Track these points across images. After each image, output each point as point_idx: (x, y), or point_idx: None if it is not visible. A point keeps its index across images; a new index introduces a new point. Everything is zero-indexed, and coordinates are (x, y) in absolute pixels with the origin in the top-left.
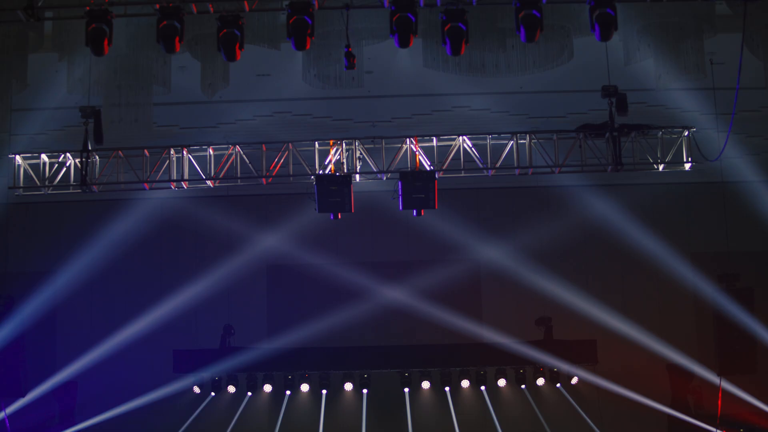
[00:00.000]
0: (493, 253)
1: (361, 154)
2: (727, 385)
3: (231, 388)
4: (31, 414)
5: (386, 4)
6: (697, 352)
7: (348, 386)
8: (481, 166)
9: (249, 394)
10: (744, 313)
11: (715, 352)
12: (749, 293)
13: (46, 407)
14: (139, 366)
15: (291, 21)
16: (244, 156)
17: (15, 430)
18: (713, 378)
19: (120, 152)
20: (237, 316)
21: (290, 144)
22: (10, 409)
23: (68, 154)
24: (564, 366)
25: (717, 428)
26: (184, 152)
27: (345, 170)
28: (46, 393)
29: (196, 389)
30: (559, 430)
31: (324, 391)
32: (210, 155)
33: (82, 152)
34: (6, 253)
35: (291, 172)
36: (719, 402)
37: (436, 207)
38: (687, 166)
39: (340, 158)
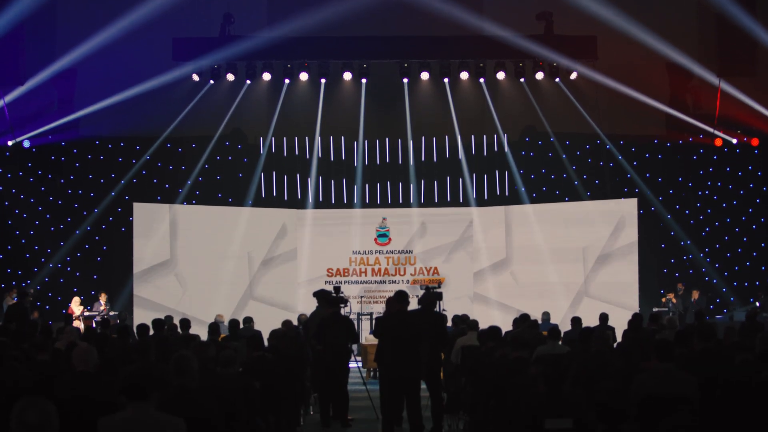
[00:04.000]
0: None
1: None
2: (726, 87)
3: (230, 76)
4: (30, 102)
5: None
6: (697, 53)
7: (347, 75)
8: None
9: (248, 82)
10: (746, 16)
11: (716, 53)
12: None
13: (44, 95)
14: (138, 54)
15: None
16: None
17: (14, 117)
18: (712, 79)
19: None
20: (237, 4)
21: None
22: (9, 97)
23: None
24: (563, 61)
25: (714, 128)
26: None
27: None
28: (45, 81)
29: (195, 77)
30: (557, 125)
31: (323, 80)
32: None
33: None
34: None
35: None
36: (717, 102)
37: None
38: None
39: None
